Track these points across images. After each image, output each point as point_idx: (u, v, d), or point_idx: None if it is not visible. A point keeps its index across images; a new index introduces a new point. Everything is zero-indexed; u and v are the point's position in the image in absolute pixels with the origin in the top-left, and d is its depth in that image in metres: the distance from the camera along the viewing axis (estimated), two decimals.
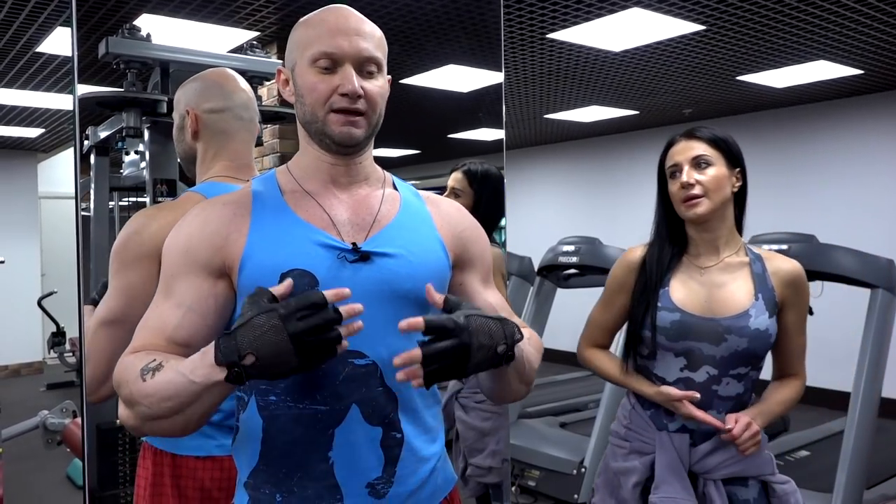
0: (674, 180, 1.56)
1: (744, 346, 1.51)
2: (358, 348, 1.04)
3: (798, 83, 5.20)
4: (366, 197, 1.13)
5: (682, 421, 1.55)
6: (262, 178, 1.15)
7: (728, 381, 1.53)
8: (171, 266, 1.07)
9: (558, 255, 4.18)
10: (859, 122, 5.79)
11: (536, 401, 5.01)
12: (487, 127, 5.59)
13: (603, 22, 3.68)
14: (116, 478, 2.84)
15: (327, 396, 1.03)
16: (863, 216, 5.66)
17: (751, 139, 6.46)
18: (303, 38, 1.09)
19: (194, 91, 1.53)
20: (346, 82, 1.05)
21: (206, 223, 1.07)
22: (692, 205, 1.52)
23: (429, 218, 1.16)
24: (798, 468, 3.83)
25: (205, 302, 1.04)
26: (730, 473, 1.54)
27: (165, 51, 2.41)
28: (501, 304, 1.22)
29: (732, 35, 3.97)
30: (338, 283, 1.01)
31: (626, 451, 1.62)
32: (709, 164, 1.53)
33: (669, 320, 1.53)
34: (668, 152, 1.60)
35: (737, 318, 1.52)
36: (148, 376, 0.95)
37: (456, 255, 1.17)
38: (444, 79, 4.72)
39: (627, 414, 1.65)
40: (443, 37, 3.94)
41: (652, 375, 1.59)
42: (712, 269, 1.58)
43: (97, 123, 2.78)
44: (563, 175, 8.06)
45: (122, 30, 2.33)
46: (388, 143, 7.47)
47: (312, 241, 1.05)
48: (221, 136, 1.51)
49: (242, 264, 1.04)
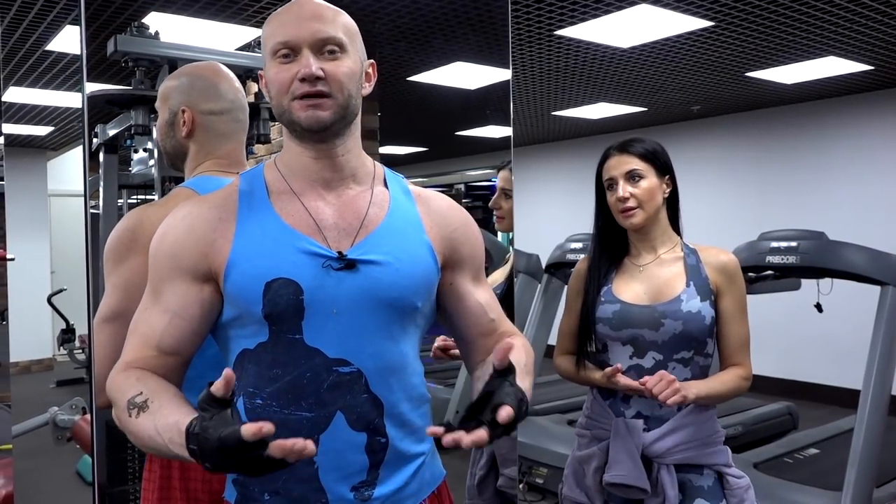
0: (611, 192, 1.71)
1: (679, 328, 1.62)
2: (343, 356, 1.04)
3: (807, 79, 5.17)
4: (353, 198, 1.11)
5: (638, 407, 1.66)
6: (249, 174, 1.13)
7: (674, 366, 1.64)
8: (157, 271, 1.07)
9: (566, 253, 4.17)
10: (869, 118, 5.75)
11: (544, 398, 5.00)
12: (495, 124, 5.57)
13: (611, 18, 3.66)
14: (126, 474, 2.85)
15: (312, 404, 1.03)
16: (873, 213, 5.63)
17: (760, 136, 6.42)
18: (265, 34, 1.09)
19: (189, 88, 1.49)
20: (302, 66, 1.03)
21: (192, 228, 1.06)
22: (628, 215, 1.68)
23: (418, 220, 1.15)
24: (807, 466, 3.82)
25: (190, 308, 1.05)
26: (682, 459, 1.63)
27: (174, 48, 2.42)
28: (491, 302, 1.23)
29: (741, 31, 3.95)
30: (322, 292, 1.03)
31: (588, 439, 1.73)
32: (641, 176, 1.68)
33: (611, 311, 1.68)
34: (605, 165, 1.74)
35: (670, 303, 1.65)
36: (133, 413, 0.96)
37: (445, 257, 1.16)
38: (452, 76, 4.71)
39: (589, 405, 1.77)
40: (450, 34, 3.94)
41: (607, 367, 1.66)
42: (649, 266, 1.72)
43: (106, 121, 2.78)
44: (570, 172, 8.04)
45: (130, 28, 2.34)
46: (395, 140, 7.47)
47: (297, 249, 1.04)
48: (218, 138, 1.49)
49: (228, 271, 1.03)
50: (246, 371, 1.06)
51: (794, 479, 3.45)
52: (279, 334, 1.03)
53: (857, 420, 3.15)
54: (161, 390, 0.98)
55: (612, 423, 1.67)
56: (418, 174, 9.20)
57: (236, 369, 1.06)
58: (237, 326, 1.06)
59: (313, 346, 1.03)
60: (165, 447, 0.92)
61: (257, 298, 1.02)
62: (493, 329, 1.22)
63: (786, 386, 5.98)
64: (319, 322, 1.03)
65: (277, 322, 1.03)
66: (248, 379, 1.05)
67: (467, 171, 6.91)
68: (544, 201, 8.18)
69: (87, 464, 4.25)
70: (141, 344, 1.05)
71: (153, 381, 1.00)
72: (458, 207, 1.23)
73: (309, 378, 1.03)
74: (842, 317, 4.69)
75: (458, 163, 7.74)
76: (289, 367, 1.03)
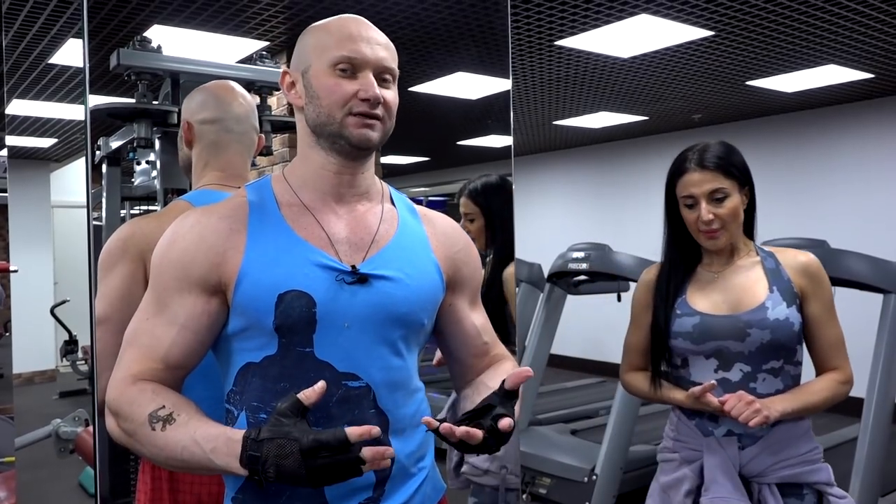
0: (690, 210, 1.57)
1: (768, 337, 1.52)
2: (352, 370, 1.04)
3: (808, 87, 5.17)
4: (364, 214, 1.12)
5: (728, 425, 1.54)
6: (256, 185, 1.13)
7: (764, 378, 1.54)
8: (163, 280, 1.05)
9: (568, 262, 4.17)
10: (870, 126, 5.75)
11: (547, 408, 4.99)
12: (496, 134, 5.60)
13: (611, 28, 3.68)
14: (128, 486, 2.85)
15: (319, 417, 1.01)
16: (874, 221, 5.62)
17: (761, 144, 6.43)
18: (320, 42, 1.08)
19: (193, 102, 1.57)
20: (367, 87, 1.05)
21: (203, 238, 1.04)
22: (712, 237, 1.56)
23: (425, 238, 1.16)
24: None
25: (198, 319, 1.03)
26: (782, 478, 1.53)
27: (176, 62, 2.43)
28: (486, 325, 1.24)
29: (741, 40, 3.96)
30: (335, 305, 1.03)
31: (676, 462, 1.61)
32: (725, 195, 1.54)
33: (691, 324, 1.57)
34: (681, 181, 1.58)
35: (755, 311, 1.54)
36: (158, 427, 0.95)
37: (449, 276, 1.17)
38: (453, 86, 4.73)
39: (675, 426, 1.65)
40: (451, 45, 3.95)
41: (689, 384, 1.58)
42: (725, 273, 1.61)
43: (109, 134, 2.80)
44: (572, 181, 8.05)
45: (133, 41, 2.35)
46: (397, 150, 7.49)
47: (310, 262, 1.04)
48: (212, 147, 1.54)
49: (238, 282, 1.02)
50: (249, 385, 1.04)
51: None
52: (289, 347, 1.03)
53: (860, 429, 3.14)
54: (183, 403, 0.99)
55: (704, 443, 1.56)
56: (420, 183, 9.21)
57: (238, 383, 1.06)
58: (243, 339, 1.05)
59: (323, 360, 1.03)
60: (204, 457, 0.92)
61: (269, 310, 1.01)
62: (487, 352, 1.23)
63: None
64: (331, 335, 1.03)
65: (288, 334, 1.02)
66: (252, 393, 1.04)
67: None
68: (546, 210, 8.18)
69: (89, 476, 4.24)
70: (145, 356, 1.03)
71: (171, 394, 1.00)
72: (460, 229, 1.25)
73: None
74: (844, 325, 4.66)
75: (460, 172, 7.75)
76: (297, 380, 1.01)
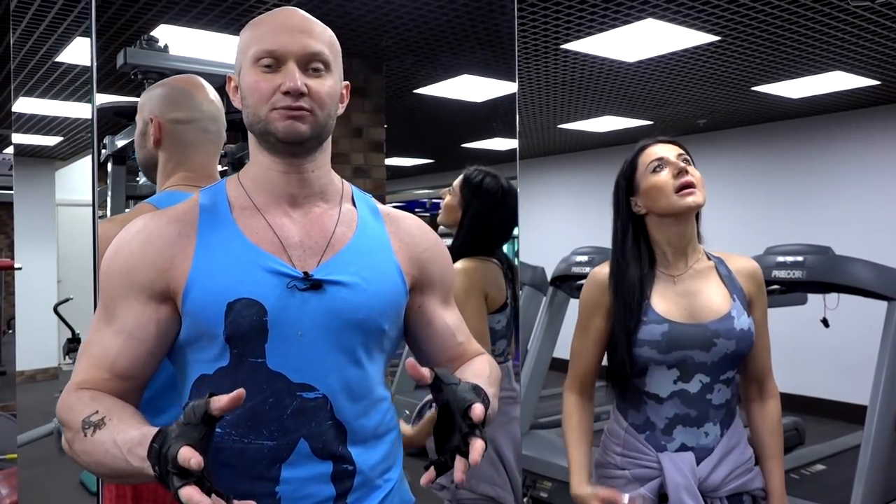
0: (659, 173, 1.50)
1: (732, 348, 1.48)
2: (307, 381, 1.00)
3: (814, 94, 5.17)
4: (320, 216, 1.07)
5: (681, 439, 1.49)
6: (211, 189, 1.09)
7: (719, 388, 1.50)
8: (110, 288, 1.01)
9: (571, 266, 4.17)
10: (876, 133, 5.74)
11: (548, 412, 4.98)
12: (501, 137, 5.60)
13: (617, 33, 3.68)
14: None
15: (273, 431, 0.98)
16: (879, 228, 5.61)
17: (766, 150, 6.42)
18: (246, 40, 1.05)
19: (160, 98, 1.49)
20: (287, 80, 1.00)
21: (148, 243, 1.01)
22: (689, 192, 1.46)
23: (386, 240, 1.11)
24: (813, 482, 3.79)
25: (146, 328, 0.99)
26: (733, 489, 1.50)
27: (182, 61, 2.44)
28: (459, 324, 1.21)
29: (747, 46, 3.96)
30: (287, 313, 0.99)
31: (625, 480, 1.53)
32: (690, 162, 1.51)
33: (659, 332, 1.48)
34: (645, 152, 1.54)
35: (722, 320, 1.48)
36: (89, 432, 0.91)
37: (414, 278, 1.13)
38: (458, 89, 4.73)
39: (620, 440, 1.56)
40: (457, 47, 3.96)
41: (643, 394, 1.53)
42: (683, 277, 1.54)
43: (115, 132, 2.81)
44: (576, 185, 8.05)
45: (140, 40, 2.36)
46: (402, 152, 7.50)
47: (262, 268, 1.00)
48: (185, 147, 1.47)
49: (187, 290, 0.98)
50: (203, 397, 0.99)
51: (800, 496, 3.42)
52: (241, 358, 0.99)
53: (864, 436, 3.13)
54: (118, 408, 0.93)
55: (662, 460, 1.48)
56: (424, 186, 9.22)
57: (192, 396, 1.01)
58: (196, 350, 1.01)
59: (276, 371, 0.99)
60: (122, 459, 0.86)
61: (219, 319, 0.97)
62: (462, 352, 1.20)
63: (792, 401, 5.93)
64: (283, 345, 0.99)
65: (239, 345, 0.98)
66: None
67: None
68: (550, 214, 8.18)
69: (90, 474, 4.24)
70: (92, 365, 0.99)
71: (108, 399, 0.95)
72: (427, 229, 1.20)
73: (272, 404, 0.98)
74: (848, 332, 4.67)
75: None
76: (250, 393, 0.93)
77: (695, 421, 1.49)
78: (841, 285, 3.21)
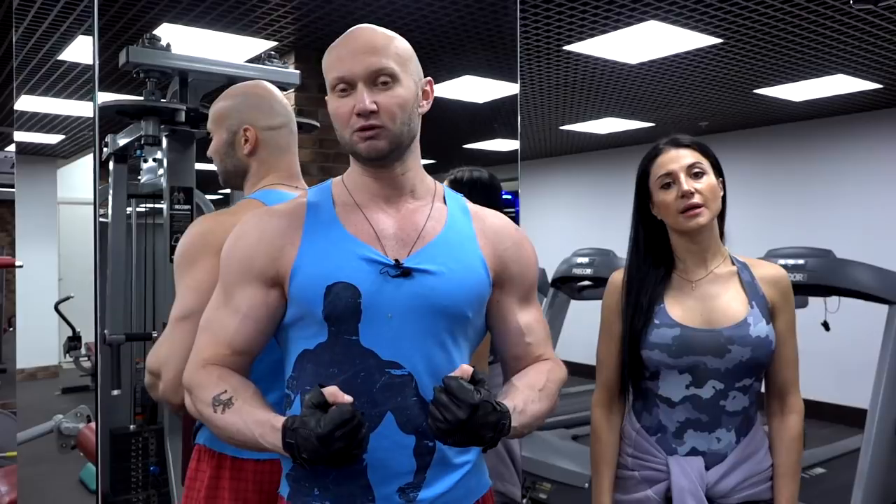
0: (668, 190, 1.48)
1: (748, 355, 1.46)
2: (395, 359, 1.10)
3: (816, 97, 5.17)
4: (413, 211, 1.18)
5: (692, 443, 1.48)
6: (318, 188, 1.22)
7: (735, 395, 1.48)
8: (229, 274, 1.16)
9: (572, 267, 4.18)
10: (878, 136, 5.74)
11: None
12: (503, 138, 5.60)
13: (619, 34, 3.68)
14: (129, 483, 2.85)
15: (364, 402, 1.07)
16: (881, 231, 5.61)
17: (768, 153, 6.42)
18: (326, 66, 1.15)
19: (249, 108, 1.54)
20: (357, 102, 1.10)
21: (263, 234, 1.15)
22: (693, 215, 1.45)
23: (472, 235, 1.20)
24: (813, 486, 3.79)
25: (258, 310, 1.13)
26: (745, 497, 1.48)
27: (184, 60, 2.44)
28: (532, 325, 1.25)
29: (749, 48, 3.96)
30: (379, 297, 1.10)
31: (636, 481, 1.53)
32: (703, 171, 1.47)
33: (671, 336, 1.47)
34: (657, 162, 1.51)
35: (737, 327, 1.46)
36: (219, 410, 1.07)
37: (496, 274, 1.20)
38: (461, 89, 4.73)
39: (632, 441, 1.55)
40: (459, 48, 3.96)
41: (656, 397, 1.52)
42: (702, 282, 1.52)
43: (116, 131, 2.81)
44: (577, 186, 8.05)
45: (142, 39, 2.36)
46: None
47: (357, 256, 1.11)
48: (279, 152, 1.55)
49: (293, 274, 1.12)
50: (304, 370, 1.13)
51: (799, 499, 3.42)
52: (337, 335, 1.10)
53: (863, 439, 3.13)
54: (242, 388, 1.09)
55: (670, 463, 1.48)
56: None
57: (296, 369, 1.15)
58: (299, 328, 1.14)
59: (368, 348, 1.10)
60: (254, 440, 1.03)
61: (319, 300, 1.09)
62: (530, 353, 1.24)
63: None
64: (375, 325, 1.10)
65: (336, 323, 1.10)
66: (307, 378, 1.12)
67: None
68: (551, 215, 8.18)
69: (90, 472, 4.24)
70: (215, 342, 1.14)
71: (234, 379, 1.11)
72: (513, 227, 1.27)
73: (363, 377, 1.09)
74: (849, 335, 4.67)
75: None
76: (344, 366, 1.09)
77: (706, 426, 1.48)
78: (842, 289, 3.21)
